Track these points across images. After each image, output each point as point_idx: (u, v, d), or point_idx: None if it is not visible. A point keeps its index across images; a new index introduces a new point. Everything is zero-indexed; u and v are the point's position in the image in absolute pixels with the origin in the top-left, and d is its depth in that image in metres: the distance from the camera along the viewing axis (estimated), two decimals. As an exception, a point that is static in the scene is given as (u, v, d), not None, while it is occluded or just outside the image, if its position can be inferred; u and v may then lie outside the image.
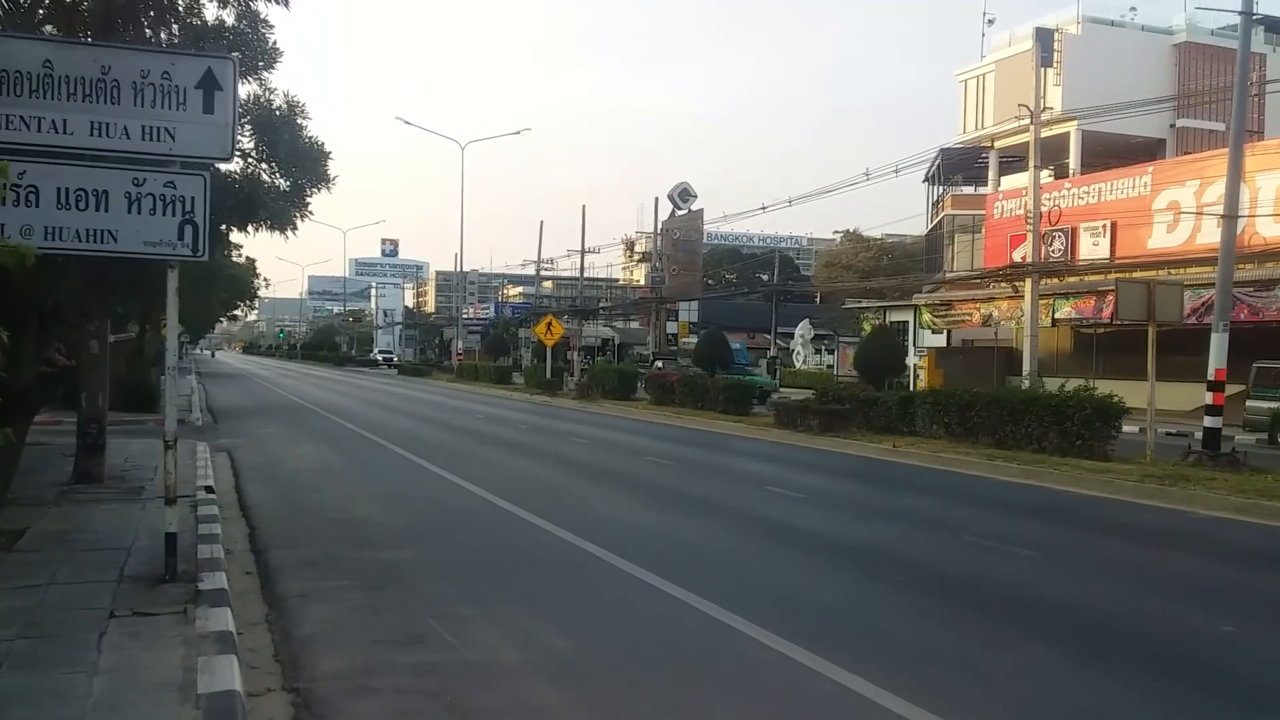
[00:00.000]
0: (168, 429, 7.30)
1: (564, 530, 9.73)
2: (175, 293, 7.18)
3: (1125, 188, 35.73)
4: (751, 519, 10.95)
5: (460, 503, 11.82)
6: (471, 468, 14.85)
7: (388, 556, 8.63)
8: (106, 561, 7.82)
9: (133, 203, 7.04)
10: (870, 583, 8.04)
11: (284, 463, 15.95)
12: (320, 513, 11.00)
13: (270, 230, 9.61)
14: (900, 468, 15.56)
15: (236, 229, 10.82)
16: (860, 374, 20.98)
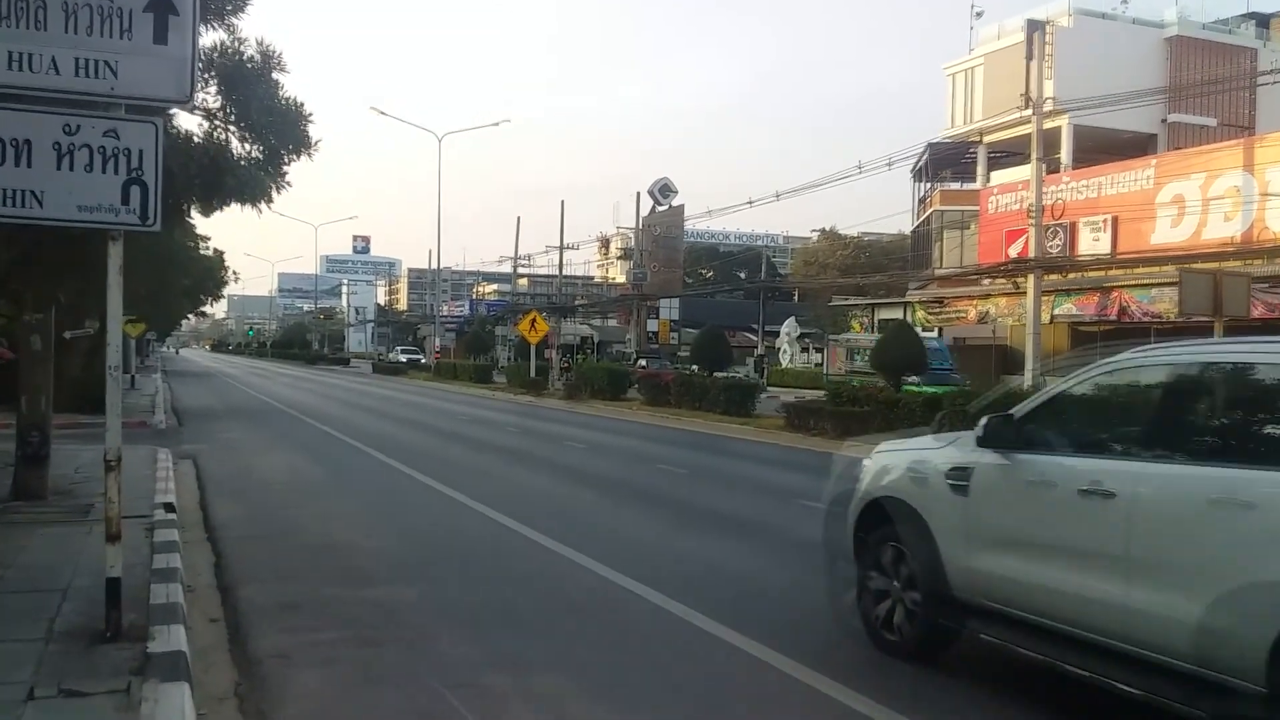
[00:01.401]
0: (109, 445, 5.75)
1: (588, 558, 8.26)
2: (118, 272, 5.63)
3: (1127, 181, 34.73)
4: (797, 542, 9.51)
5: (460, 523, 10.31)
6: (465, 478, 13.34)
7: (384, 596, 7.12)
8: (34, 610, 6.25)
9: (63, 156, 5.48)
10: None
11: (255, 472, 14.35)
12: (298, 536, 9.46)
13: (241, 204, 8.05)
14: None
15: (199, 205, 9.20)
16: (878, 373, 19.58)
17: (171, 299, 29.01)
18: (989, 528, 5.35)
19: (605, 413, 26.69)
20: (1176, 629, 4.23)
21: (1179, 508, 4.39)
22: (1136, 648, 4.45)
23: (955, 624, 5.50)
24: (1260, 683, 3.85)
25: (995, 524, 5.34)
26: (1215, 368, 4.69)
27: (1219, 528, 4.18)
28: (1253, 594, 3.96)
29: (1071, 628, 4.79)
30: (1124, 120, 39.38)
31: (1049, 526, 5.01)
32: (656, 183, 65.63)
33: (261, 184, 8.04)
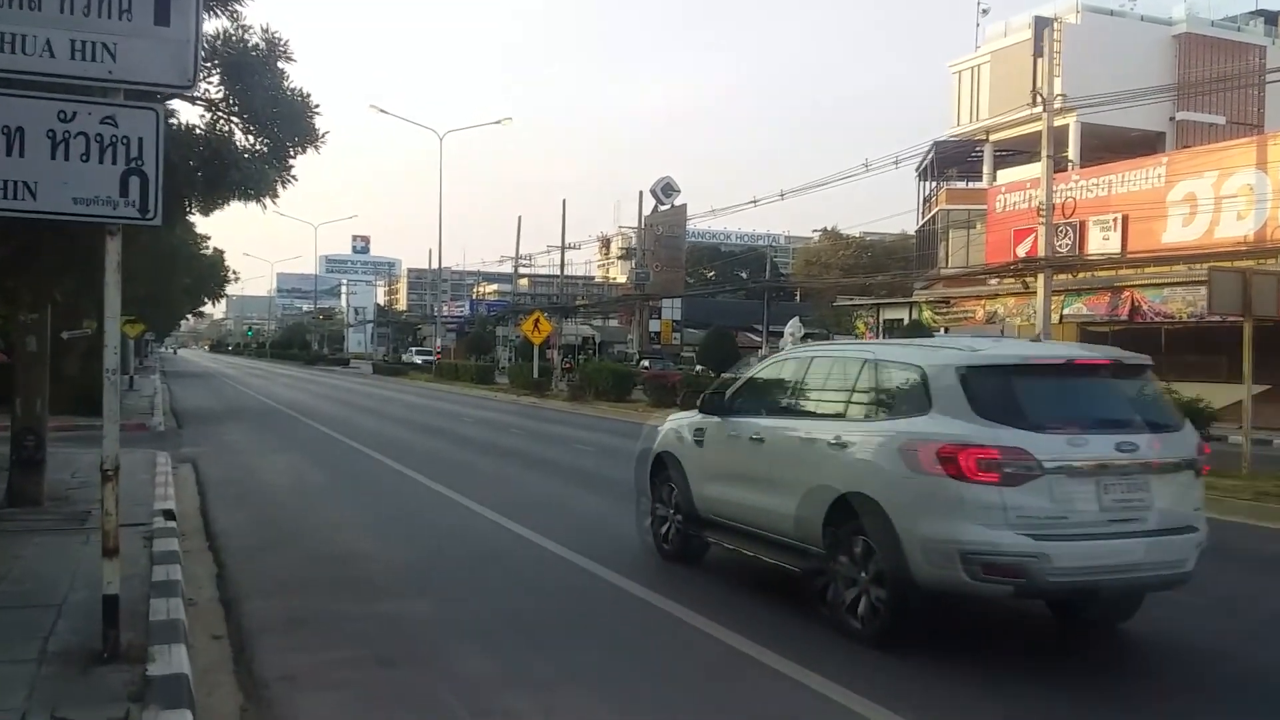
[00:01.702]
0: (106, 453, 5.39)
1: (609, 570, 7.89)
2: (117, 269, 5.28)
3: (1138, 179, 34.36)
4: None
5: (471, 530, 9.95)
6: (474, 482, 12.98)
7: (396, 610, 6.76)
8: (27, 627, 5.90)
9: (57, 145, 5.13)
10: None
11: (257, 476, 13.99)
12: (304, 544, 9.10)
13: (245, 199, 7.69)
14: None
15: (201, 201, 8.84)
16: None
17: (172, 299, 28.53)
18: (712, 467, 7.93)
19: (610, 414, 26.31)
20: (788, 519, 6.78)
21: (789, 445, 7.06)
22: (776, 534, 7.01)
23: (698, 534, 8.02)
24: (821, 546, 6.43)
25: (715, 464, 7.91)
26: (809, 358, 7.65)
27: (805, 456, 6.81)
28: (816, 493, 6.51)
29: (749, 526, 7.37)
30: (1132, 118, 39.10)
31: (737, 463, 7.62)
32: (659, 182, 65.22)
33: (266, 178, 7.67)
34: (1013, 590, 5.68)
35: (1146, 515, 5.74)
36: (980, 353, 6.29)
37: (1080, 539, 5.61)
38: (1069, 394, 6.22)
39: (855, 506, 6.18)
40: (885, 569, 5.92)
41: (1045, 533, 5.52)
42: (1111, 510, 5.67)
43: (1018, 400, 5.88)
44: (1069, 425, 5.81)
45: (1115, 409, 6.17)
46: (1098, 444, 5.74)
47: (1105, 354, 6.81)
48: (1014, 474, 5.53)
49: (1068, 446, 5.66)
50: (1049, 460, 5.54)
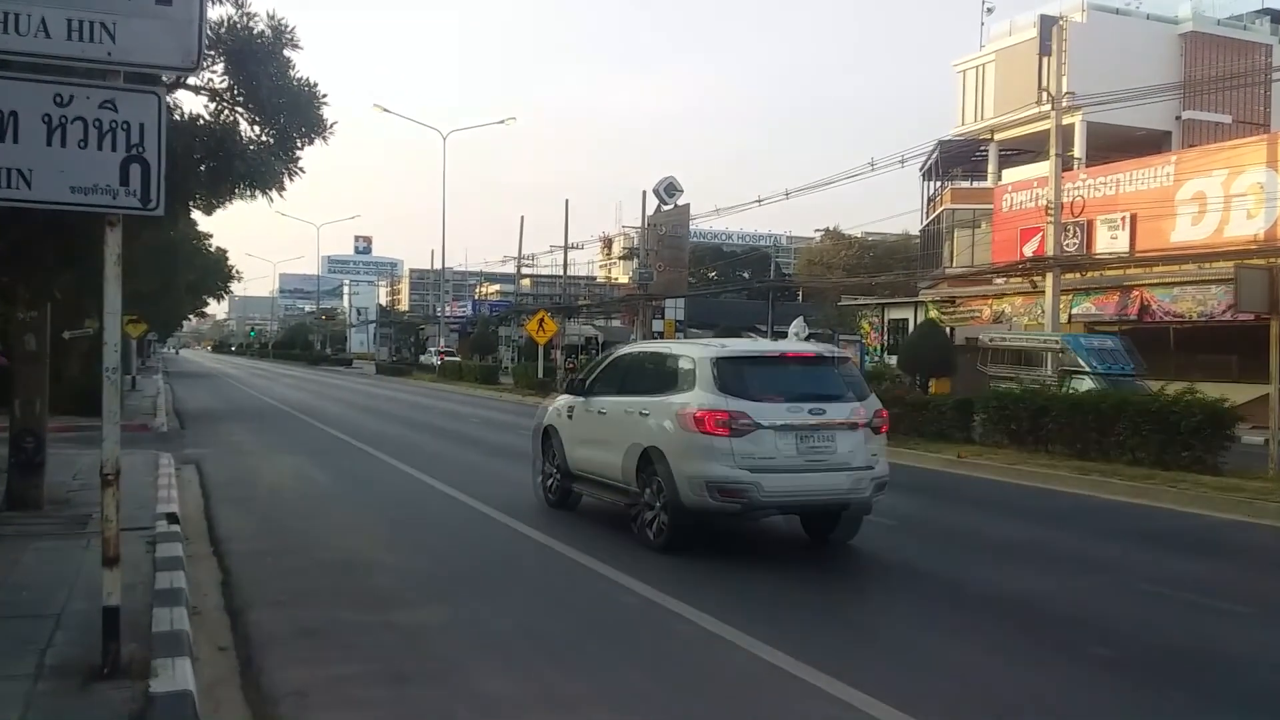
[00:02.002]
0: (106, 456, 5.11)
1: (632, 579, 7.58)
2: (117, 263, 4.99)
3: (1146, 178, 34.07)
4: (853, 556, 8.88)
5: (484, 534, 9.66)
6: (484, 485, 12.69)
7: (410, 621, 6.48)
8: (24, 639, 5.62)
9: (53, 130, 4.86)
10: (1091, 667, 5.96)
11: (262, 478, 13.71)
12: (312, 550, 8.81)
13: (250, 193, 7.43)
14: (979, 484, 13.52)
15: (204, 194, 8.57)
16: (906, 373, 18.87)
17: (174, 296, 28.09)
18: (577, 435, 10.34)
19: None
20: (617, 469, 9.15)
21: (619, 415, 9.46)
22: (612, 480, 9.42)
23: (570, 485, 10.51)
24: (635, 486, 8.78)
25: (579, 432, 10.31)
26: (632, 354, 10.62)
27: (626, 423, 9.17)
28: (632, 449, 8.90)
29: (598, 476, 9.82)
30: (1138, 117, 38.86)
31: (591, 430, 10.02)
32: (662, 182, 64.70)
33: (272, 170, 7.43)
34: (739, 508, 8.29)
35: (832, 458, 8.32)
36: (726, 349, 9.03)
37: (784, 473, 8.19)
38: (782, 376, 8.84)
39: (652, 456, 8.71)
40: (667, 499, 8.46)
41: (759, 468, 8.09)
42: (806, 454, 8.25)
43: (745, 380, 8.49)
44: (778, 396, 8.37)
45: (814, 386, 8.69)
46: (797, 410, 8.28)
47: (810, 349, 10.03)
48: (738, 429, 8.11)
49: (775, 411, 8.22)
50: (762, 420, 8.14)
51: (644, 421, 8.95)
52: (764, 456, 8.10)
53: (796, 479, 8.22)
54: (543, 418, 11.37)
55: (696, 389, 8.46)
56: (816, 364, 9.10)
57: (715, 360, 8.57)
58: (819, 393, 8.53)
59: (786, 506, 8.69)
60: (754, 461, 8.06)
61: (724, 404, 8.19)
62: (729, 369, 8.54)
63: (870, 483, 8.44)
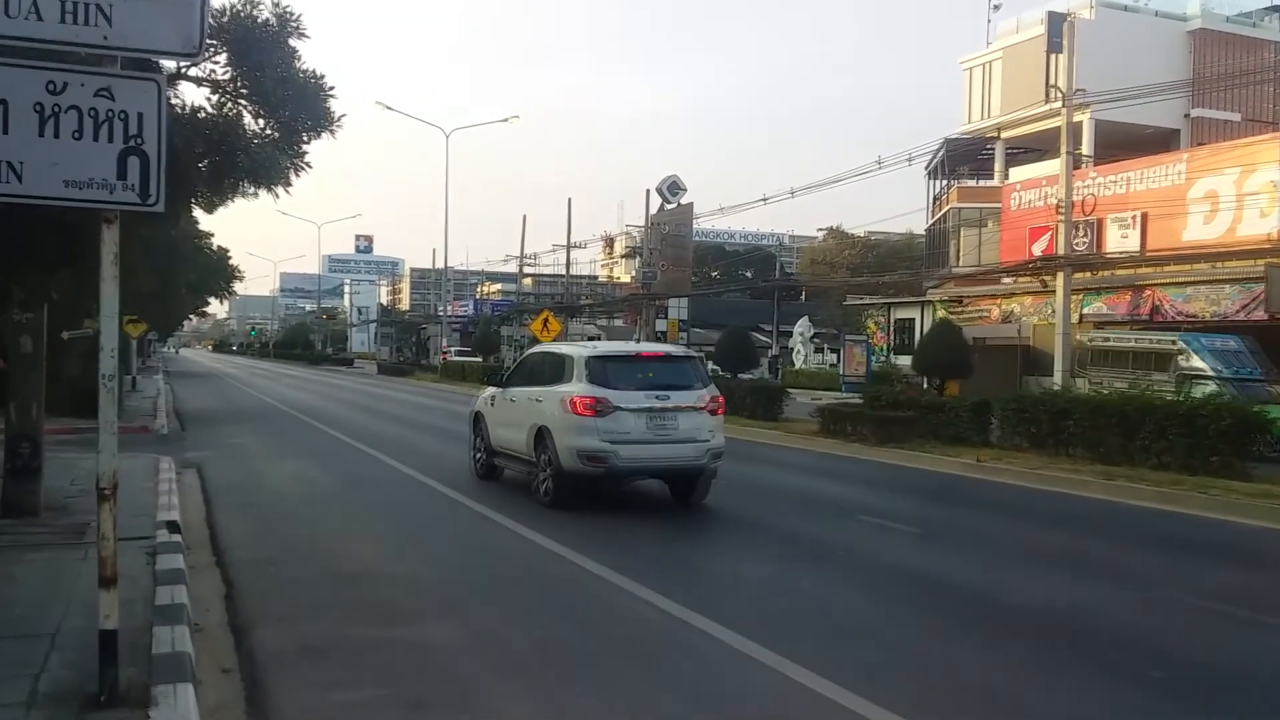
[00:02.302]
0: (102, 469, 4.80)
1: (647, 589, 7.27)
2: (114, 262, 4.67)
3: (1157, 176, 33.72)
4: (872, 566, 8.56)
5: (496, 544, 9.33)
6: (492, 491, 12.36)
7: (422, 638, 6.15)
8: (17, 661, 5.31)
9: (45, 120, 4.53)
10: (1145, 691, 5.62)
11: (264, 483, 13.38)
12: (318, 559, 8.48)
13: (254, 188, 7.10)
14: (1001, 489, 13.18)
15: (204, 196, 8.23)
16: (921, 375, 18.53)
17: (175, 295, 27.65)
18: (497, 418, 12.60)
19: (624, 416, 25.66)
20: (522, 443, 11.31)
21: (524, 402, 11.61)
22: (520, 454, 11.60)
23: (493, 460, 12.88)
24: (532, 456, 11.09)
25: (498, 416, 12.58)
26: (536, 353, 12.99)
27: (527, 408, 11.40)
28: (531, 428, 11.15)
29: (510, 451, 12.05)
30: (1146, 115, 38.57)
31: (506, 415, 12.22)
32: (665, 180, 64.29)
33: (277, 164, 7.08)
34: (603, 471, 10.53)
35: (675, 433, 10.59)
36: (597, 350, 11.69)
37: (635, 444, 10.46)
38: (637, 369, 11.11)
39: (544, 433, 10.99)
40: (553, 465, 10.74)
41: (618, 441, 10.38)
42: (653, 430, 10.54)
43: (609, 374, 10.78)
44: (632, 386, 10.66)
45: (664, 378, 10.95)
46: (646, 396, 10.58)
47: (660, 349, 13.09)
48: (602, 410, 10.37)
49: (631, 397, 10.48)
50: (620, 404, 10.41)
51: (540, 406, 11.34)
52: (622, 432, 10.47)
53: (647, 449, 10.58)
54: (475, 405, 13.79)
55: (574, 381, 10.90)
56: (666, 360, 11.74)
57: (588, 359, 11.11)
58: (667, 383, 10.92)
59: (640, 471, 10.99)
60: (614, 436, 10.44)
61: (592, 391, 10.57)
62: (597, 365, 10.95)
63: (707, 453, 10.81)
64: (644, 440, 10.49)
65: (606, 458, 10.38)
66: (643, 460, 10.60)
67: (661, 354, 12.32)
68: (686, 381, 11.00)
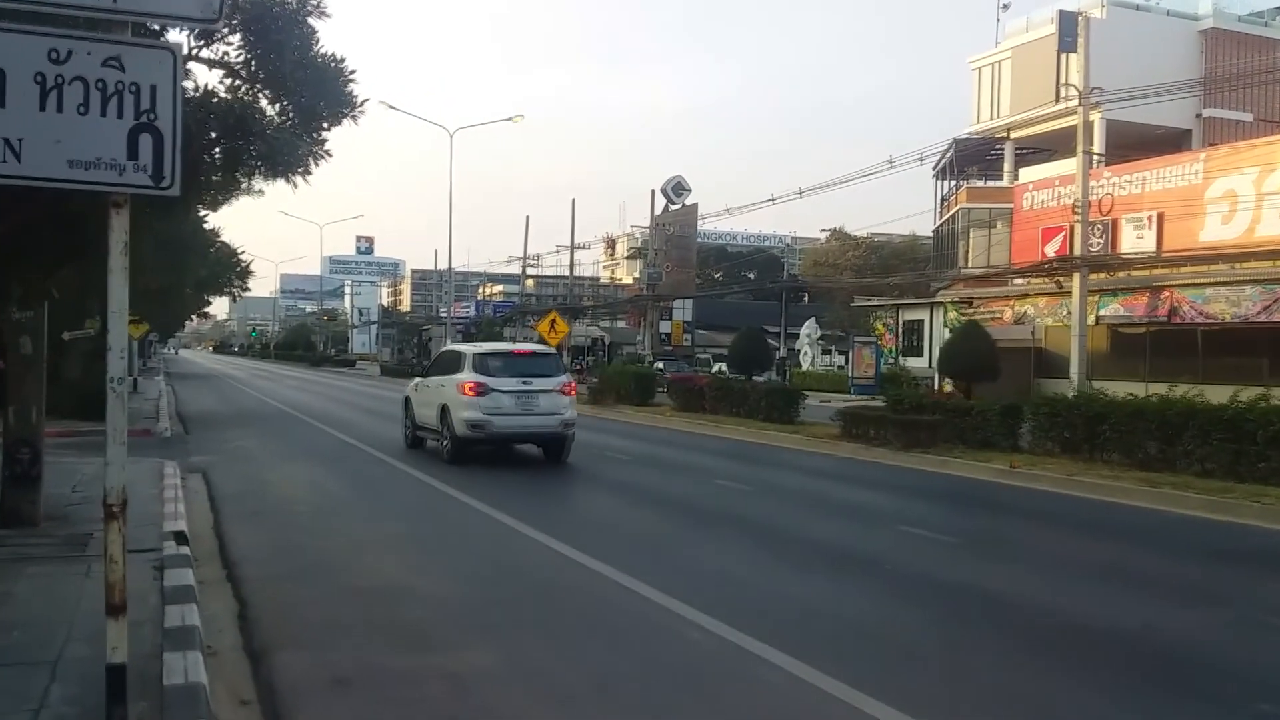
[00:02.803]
0: (110, 484, 4.29)
1: (685, 605, 6.79)
2: (123, 252, 4.16)
3: (1174, 176, 33.22)
4: (922, 581, 8.05)
5: (522, 557, 8.79)
6: (511, 497, 11.88)
7: (456, 666, 5.64)
8: (14, 695, 4.80)
9: (47, 93, 4.04)
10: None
11: (273, 489, 12.88)
12: (336, 574, 7.97)
13: (271, 176, 6.60)
14: (1039, 496, 12.66)
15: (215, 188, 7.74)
16: (946, 377, 18.01)
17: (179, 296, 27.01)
18: (419, 400, 16.33)
19: (636, 419, 25.16)
20: (434, 419, 15.19)
21: (435, 387, 15.65)
22: (433, 426, 15.39)
23: (417, 434, 16.48)
24: (439, 427, 15.06)
25: (419, 399, 16.31)
26: (445, 351, 17.98)
27: (437, 391, 15.39)
28: (438, 406, 15.10)
29: (427, 425, 15.84)
30: (1158, 115, 38.20)
31: (425, 397, 16.02)
32: (669, 181, 64.00)
33: (295, 151, 6.56)
34: (484, 436, 14.22)
35: (537, 409, 14.29)
36: (481, 348, 15.65)
37: (507, 416, 14.12)
38: (510, 363, 14.92)
39: (445, 409, 14.53)
40: (450, 432, 14.40)
41: (492, 414, 14.00)
42: (521, 406, 14.20)
43: (488, 366, 14.52)
44: (505, 374, 14.36)
45: (529, 368, 14.71)
46: (516, 382, 14.25)
47: (528, 348, 17.06)
48: (482, 392, 13.96)
49: (505, 382, 14.16)
50: (495, 387, 14.04)
51: (444, 390, 15.16)
52: (497, 407, 14.36)
53: (516, 419, 14.51)
54: (405, 392, 17.96)
55: (466, 371, 14.84)
56: (533, 356, 15.93)
57: (474, 355, 15.27)
58: (532, 373, 14.84)
59: (512, 436, 14.97)
60: (491, 410, 14.32)
61: (476, 378, 14.49)
62: (480, 359, 15.04)
63: (562, 423, 14.79)
64: (514, 413, 14.48)
65: (485, 425, 14.33)
66: (513, 428, 14.66)
67: (529, 351, 16.50)
68: (548, 372, 15.17)
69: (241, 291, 22.24)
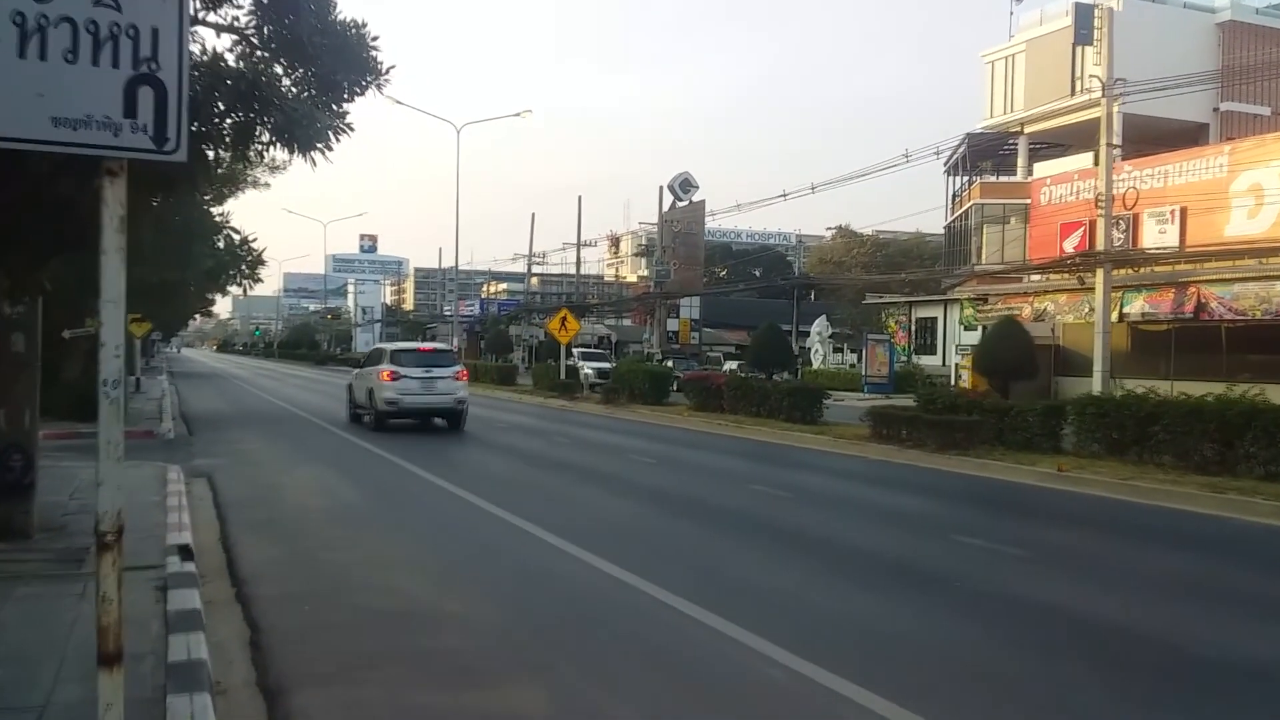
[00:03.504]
0: (104, 509, 3.62)
1: (749, 633, 6.08)
2: (120, 229, 3.47)
3: (1198, 169, 32.48)
4: (999, 600, 7.34)
5: (556, 572, 8.07)
6: (536, 505, 11.18)
7: (500, 707, 4.94)
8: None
9: (28, 35, 3.34)
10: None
11: (284, 496, 12.18)
12: (355, 594, 7.26)
13: (289, 150, 5.90)
14: (1095, 503, 11.92)
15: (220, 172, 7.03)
16: (983, 376, 17.28)
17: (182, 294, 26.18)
18: (356, 386, 22.00)
19: (653, 419, 24.45)
20: (365, 399, 20.85)
21: (366, 376, 21.31)
22: (364, 405, 21.11)
23: (356, 413, 21.95)
24: (368, 405, 20.78)
25: (356, 385, 22.00)
26: (373, 349, 25.52)
27: (366, 379, 21.11)
28: (367, 388, 20.82)
29: (362, 405, 21.33)
30: (1174, 109, 37.54)
31: (360, 384, 21.67)
32: (676, 178, 63.28)
33: (314, 122, 5.85)
34: (396, 409, 19.70)
35: (436, 389, 19.81)
36: (396, 346, 22.61)
37: (414, 395, 19.60)
38: (417, 356, 20.68)
39: (372, 391, 19.91)
40: (373, 407, 19.90)
41: (403, 394, 19.50)
42: (424, 388, 19.68)
43: (401, 359, 20.19)
44: (413, 365, 19.90)
45: (431, 361, 20.42)
46: (420, 370, 19.81)
47: (431, 346, 26.14)
48: (396, 378, 19.47)
49: (412, 370, 19.70)
50: (405, 374, 19.57)
51: (369, 377, 20.27)
52: (405, 389, 19.39)
53: (421, 398, 19.56)
54: (349, 380, 23.05)
55: (385, 363, 19.90)
56: (434, 352, 21.68)
57: (390, 351, 20.95)
58: (433, 364, 20.14)
59: (418, 411, 19.97)
60: (401, 391, 19.37)
61: (391, 369, 19.51)
62: (395, 354, 20.54)
63: (455, 401, 20.04)
64: (419, 394, 19.81)
65: (398, 402, 19.69)
66: (419, 404, 19.98)
67: (432, 349, 23.14)
68: (445, 364, 20.78)
69: (254, 283, 22.65)
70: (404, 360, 20.04)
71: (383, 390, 19.56)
